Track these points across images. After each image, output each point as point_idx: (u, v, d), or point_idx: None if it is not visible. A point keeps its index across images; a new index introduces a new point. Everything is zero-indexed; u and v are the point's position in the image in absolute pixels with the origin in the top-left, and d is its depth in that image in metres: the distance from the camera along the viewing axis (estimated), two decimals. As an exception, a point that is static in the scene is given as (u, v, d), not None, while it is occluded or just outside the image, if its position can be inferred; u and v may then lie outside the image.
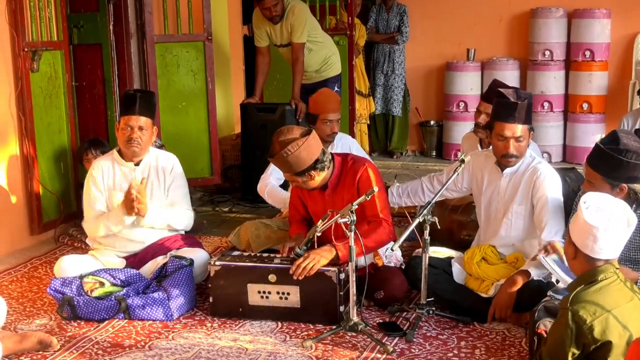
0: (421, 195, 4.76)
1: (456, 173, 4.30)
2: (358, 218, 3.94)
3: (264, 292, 4.24)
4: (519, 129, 4.23)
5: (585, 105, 8.55)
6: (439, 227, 4.13)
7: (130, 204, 4.53)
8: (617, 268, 3.14)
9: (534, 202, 4.28)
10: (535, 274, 4.09)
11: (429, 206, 4.09)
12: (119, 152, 4.74)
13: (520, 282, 4.07)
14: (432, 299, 4.21)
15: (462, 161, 4.26)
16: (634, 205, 3.74)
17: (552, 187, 4.26)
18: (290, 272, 4.11)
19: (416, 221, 4.03)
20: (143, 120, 4.60)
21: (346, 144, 5.49)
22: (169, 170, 4.76)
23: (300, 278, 4.11)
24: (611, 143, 3.74)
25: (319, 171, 4.23)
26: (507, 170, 4.36)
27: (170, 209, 4.74)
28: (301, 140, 4.09)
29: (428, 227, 4.10)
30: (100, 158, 4.87)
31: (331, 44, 7.04)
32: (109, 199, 4.70)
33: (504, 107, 4.25)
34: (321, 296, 4.16)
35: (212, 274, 4.31)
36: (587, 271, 3.13)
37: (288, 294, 4.21)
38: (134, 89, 4.71)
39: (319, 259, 4.10)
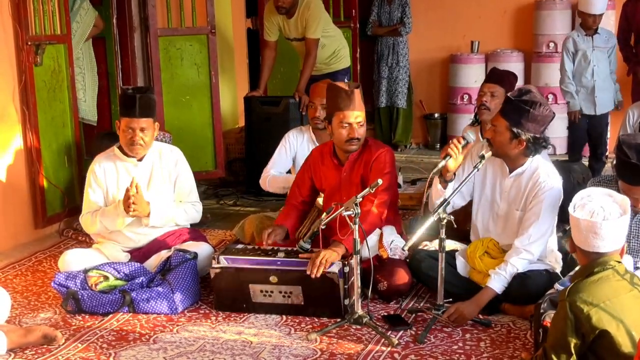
0: None
1: (476, 169, 4.15)
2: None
3: (267, 292, 4.23)
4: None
5: (589, 98, 8.48)
6: (455, 225, 4.02)
7: (127, 203, 4.49)
8: (618, 261, 3.11)
9: (528, 207, 4.20)
10: (498, 289, 4.09)
11: (444, 203, 4.01)
12: (120, 148, 4.71)
13: (485, 302, 4.09)
14: (451, 299, 4.12)
15: (482, 157, 4.13)
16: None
17: (549, 203, 4.16)
18: (307, 272, 4.06)
19: (431, 219, 3.96)
20: (144, 122, 4.55)
21: None
22: (174, 164, 4.74)
23: (318, 276, 4.04)
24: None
25: None
26: (514, 172, 4.28)
27: (175, 207, 4.73)
28: None
29: (444, 227, 4.00)
30: (101, 155, 4.79)
31: (341, 37, 7.03)
32: (109, 196, 4.68)
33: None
34: (324, 295, 4.15)
35: (212, 276, 4.29)
36: (586, 264, 3.14)
37: (291, 292, 4.20)
38: (132, 88, 4.64)
39: (331, 253, 4.09)
